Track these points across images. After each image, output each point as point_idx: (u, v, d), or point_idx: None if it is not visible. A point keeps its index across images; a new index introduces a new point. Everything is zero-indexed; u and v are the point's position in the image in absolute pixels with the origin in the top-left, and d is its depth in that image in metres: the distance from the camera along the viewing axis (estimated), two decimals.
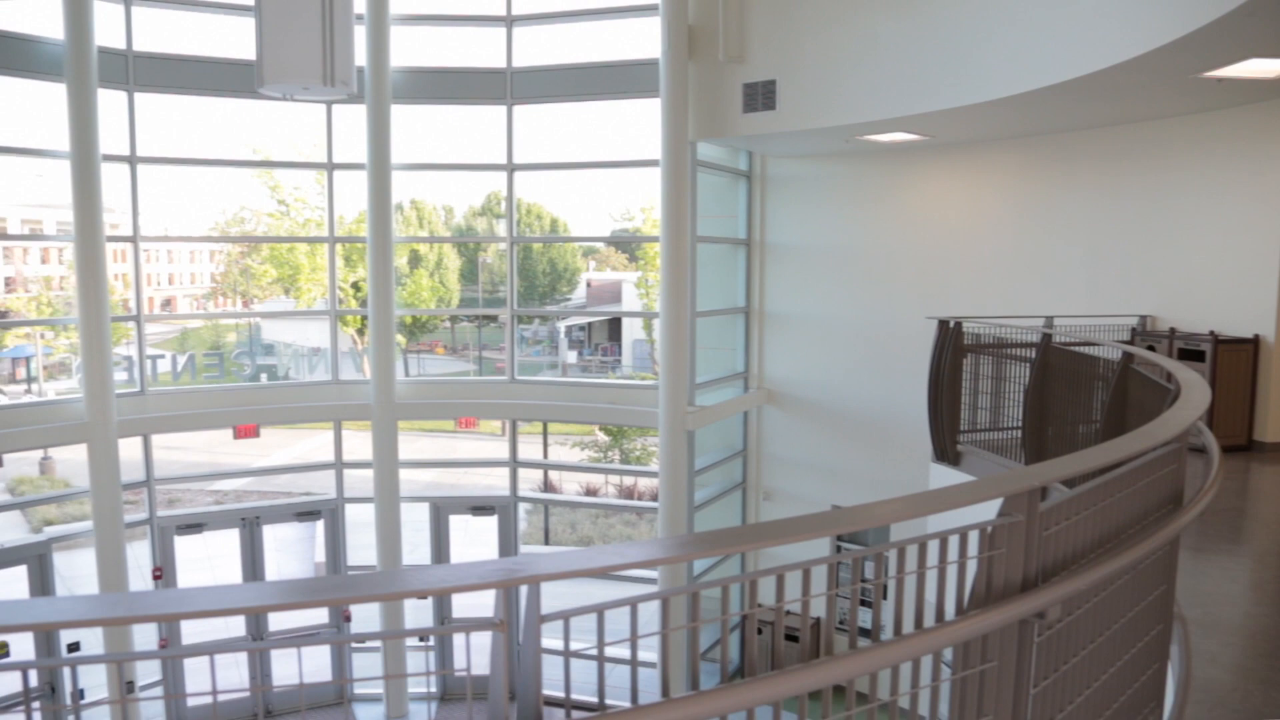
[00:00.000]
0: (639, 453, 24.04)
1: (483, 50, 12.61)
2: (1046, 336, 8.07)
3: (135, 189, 11.70)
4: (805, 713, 2.79)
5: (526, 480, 14.74)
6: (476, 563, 1.80)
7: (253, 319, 19.87)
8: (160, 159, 11.97)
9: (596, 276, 29.11)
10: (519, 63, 12.51)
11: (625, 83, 12.26)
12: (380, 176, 12.06)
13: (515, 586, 1.68)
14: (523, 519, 15.10)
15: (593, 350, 28.80)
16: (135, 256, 11.97)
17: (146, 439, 12.00)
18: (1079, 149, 10.77)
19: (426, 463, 16.04)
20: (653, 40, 11.70)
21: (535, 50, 12.60)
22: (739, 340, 13.58)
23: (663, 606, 2.11)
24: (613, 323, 28.43)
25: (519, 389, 13.14)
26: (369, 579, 2.08)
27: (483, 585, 1.63)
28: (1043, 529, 2.71)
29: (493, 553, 13.27)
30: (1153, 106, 9.50)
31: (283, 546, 13.36)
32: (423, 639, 13.97)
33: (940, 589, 2.64)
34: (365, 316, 13.23)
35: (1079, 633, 2.85)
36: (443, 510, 13.14)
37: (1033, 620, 2.62)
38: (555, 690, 2.36)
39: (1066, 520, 2.82)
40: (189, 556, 12.40)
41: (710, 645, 12.76)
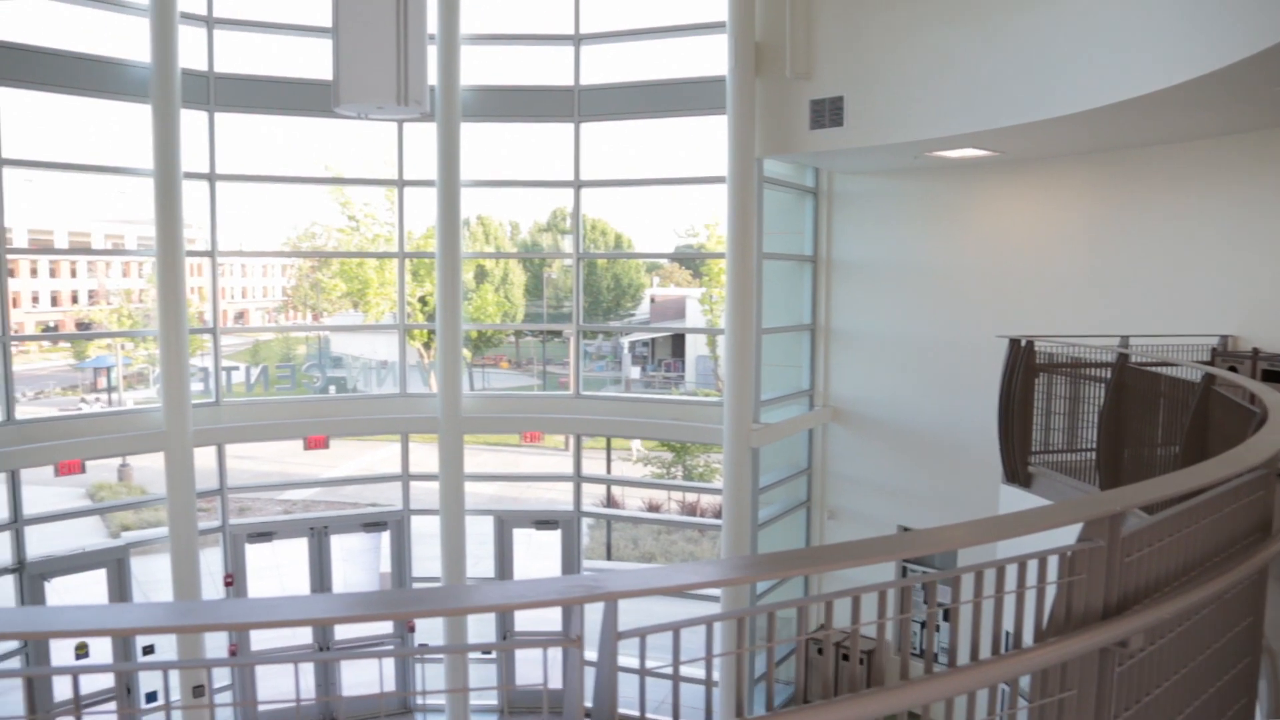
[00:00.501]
0: (702, 469, 23.99)
1: (551, 68, 12.76)
2: (1123, 356, 7.88)
3: (214, 205, 12.03)
4: None
5: (589, 495, 14.80)
6: (555, 579, 1.81)
7: (322, 332, 20.29)
8: (238, 176, 12.29)
9: (660, 292, 29.20)
10: (586, 80, 12.63)
11: (692, 100, 12.30)
12: (449, 193, 12.25)
13: (594, 603, 1.69)
14: (585, 534, 15.15)
15: (656, 366, 28.87)
16: (213, 271, 12.30)
17: (220, 448, 12.29)
18: (1154, 164, 10.53)
19: (491, 476, 16.19)
20: (719, 57, 11.73)
21: (602, 68, 12.70)
22: (804, 357, 13.49)
23: (738, 626, 2.10)
24: (676, 338, 28.49)
25: (583, 404, 13.20)
26: (448, 592, 2.11)
27: (563, 601, 1.64)
28: (1124, 555, 2.65)
29: (555, 567, 13.32)
30: (1231, 121, 9.25)
31: (349, 556, 13.56)
32: (485, 651, 14.08)
33: (1019, 615, 2.59)
34: (432, 331, 13.41)
35: (1162, 664, 2.77)
36: (507, 524, 13.24)
37: (1114, 649, 2.56)
38: (626, 709, 2.36)
39: (1149, 547, 2.75)
40: (259, 564, 12.66)
41: (780, 662, 12.67)
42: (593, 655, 2.01)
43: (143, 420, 11.59)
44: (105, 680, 10.16)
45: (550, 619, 12.72)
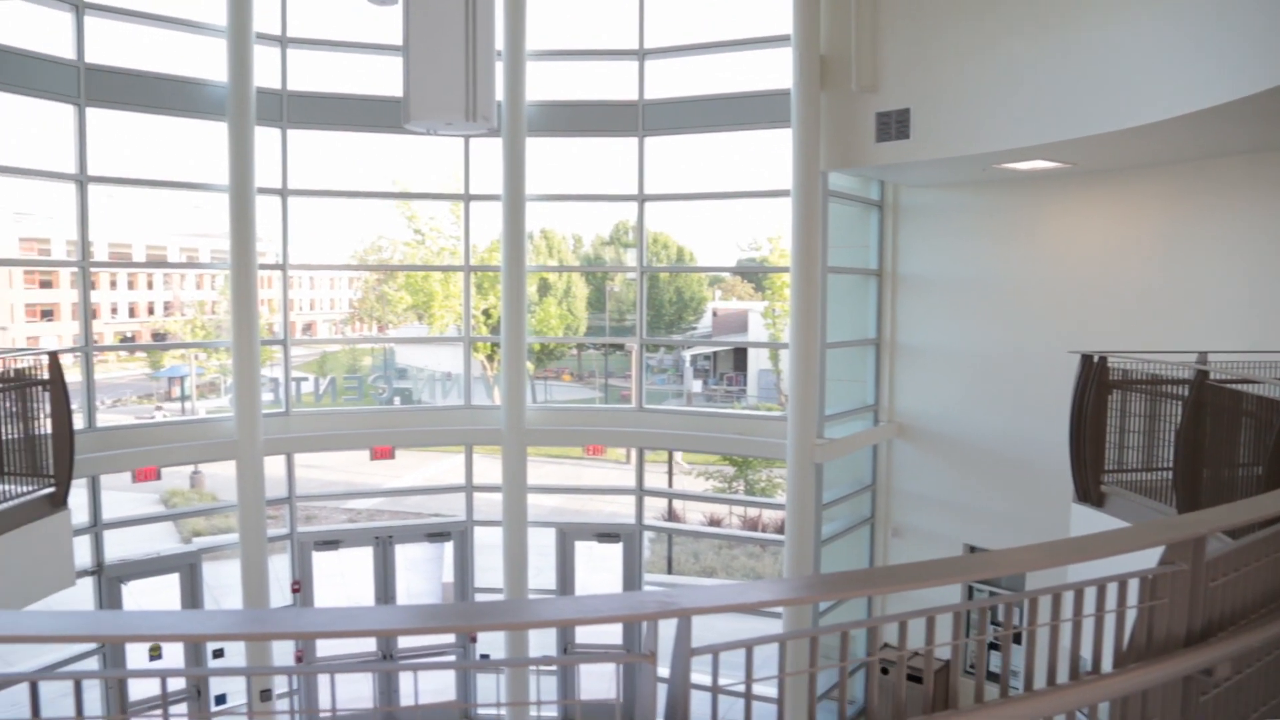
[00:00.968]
0: (763, 484, 23.84)
1: (615, 83, 12.83)
2: (1201, 373, 7.66)
3: (285, 220, 12.30)
4: None
5: (650, 509, 14.79)
6: (629, 594, 1.81)
7: (388, 344, 20.61)
8: (309, 191, 12.55)
9: (722, 306, 29.12)
10: (650, 95, 12.68)
11: (756, 113, 12.27)
12: (515, 208, 12.38)
13: (668, 619, 1.68)
14: (646, 547, 15.14)
15: (718, 379, 28.78)
16: (283, 284, 12.56)
17: (289, 457, 12.53)
18: (1235, 175, 10.22)
19: (554, 488, 16.25)
20: (784, 71, 11.69)
21: (666, 82, 12.74)
22: (869, 372, 13.34)
23: (811, 645, 2.08)
24: (737, 352, 28.37)
25: (646, 417, 13.20)
26: (521, 606, 2.12)
27: (638, 616, 1.63)
28: (1209, 580, 2.57)
29: (616, 580, 13.32)
30: None
31: (412, 565, 13.71)
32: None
33: (1097, 639, 2.53)
34: (495, 343, 13.52)
35: (1251, 694, 2.68)
36: (569, 536, 13.28)
37: (1198, 677, 2.48)
38: None
39: (1234, 571, 2.66)
40: (324, 571, 12.86)
41: (841, 681, 12.47)
42: (662, 671, 2.00)
43: (215, 429, 11.87)
44: (175, 682, 10.40)
45: (608, 632, 12.72)
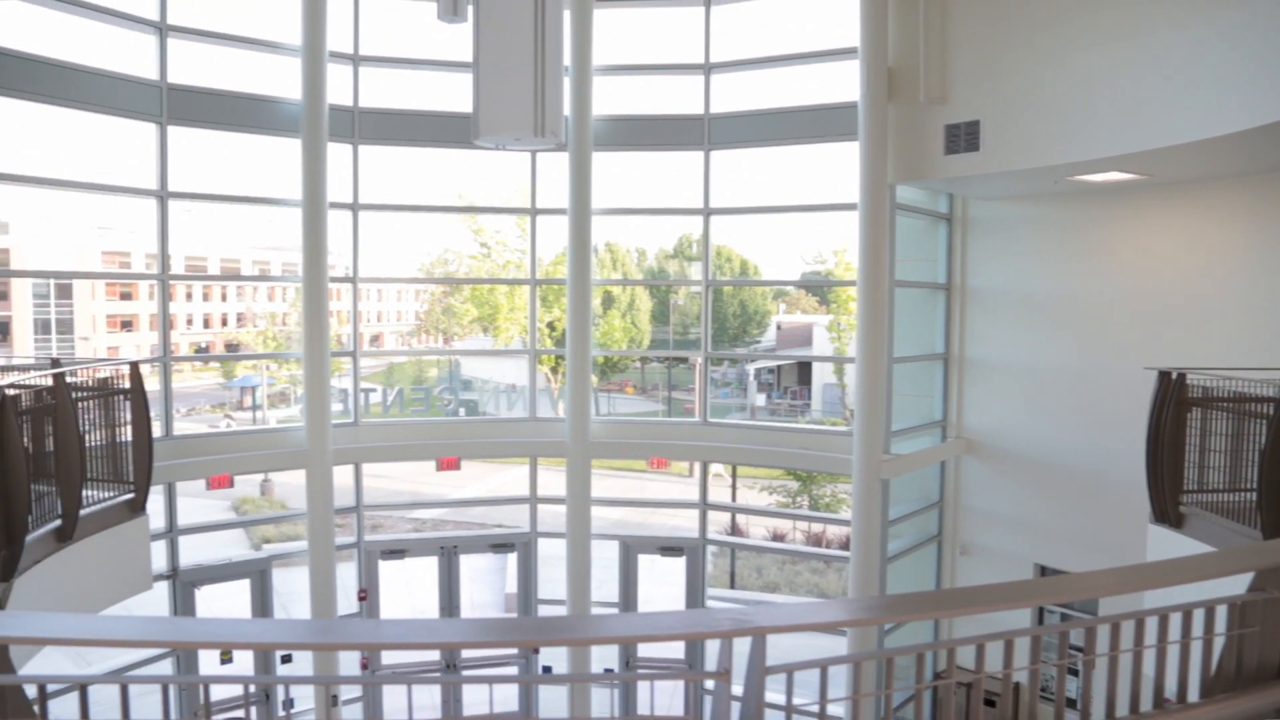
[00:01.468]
0: (828, 499, 23.58)
1: (681, 97, 12.86)
2: None
3: (356, 234, 12.54)
4: None
5: (713, 523, 14.72)
6: (701, 611, 1.80)
7: (454, 356, 20.86)
8: (379, 205, 12.78)
9: (787, 319, 28.91)
10: (716, 108, 12.68)
11: (823, 126, 12.21)
12: (580, 221, 12.47)
13: (743, 637, 1.67)
14: (709, 561, 15.08)
15: (782, 393, 28.56)
16: (353, 296, 12.79)
17: (358, 467, 12.73)
18: None
19: (617, 501, 16.26)
20: (851, 83, 11.61)
21: (733, 95, 12.73)
22: (937, 387, 13.15)
23: (887, 667, 2.05)
24: (801, 366, 28.14)
25: (710, 431, 13.17)
26: (594, 621, 2.12)
27: (713, 634, 1.62)
28: None
29: (679, 593, 13.27)
30: None
31: (476, 576, 13.83)
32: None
33: (1183, 667, 2.45)
34: (560, 356, 13.60)
35: None
36: (632, 549, 13.28)
37: None
38: None
39: None
40: (390, 580, 13.03)
41: (905, 703, 12.28)
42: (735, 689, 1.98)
43: (286, 438, 12.12)
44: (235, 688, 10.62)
45: (668, 646, 12.67)
